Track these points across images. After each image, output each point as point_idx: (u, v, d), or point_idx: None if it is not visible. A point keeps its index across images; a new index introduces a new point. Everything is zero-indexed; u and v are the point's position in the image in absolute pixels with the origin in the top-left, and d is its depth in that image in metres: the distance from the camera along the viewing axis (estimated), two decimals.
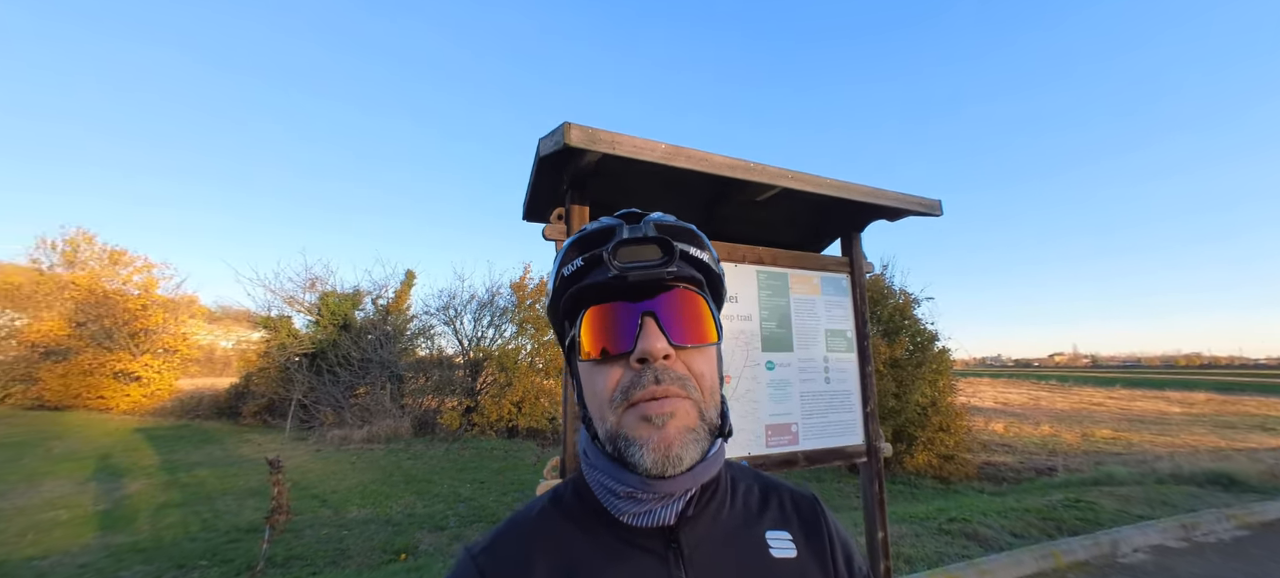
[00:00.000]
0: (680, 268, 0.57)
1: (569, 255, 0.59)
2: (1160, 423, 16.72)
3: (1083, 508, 4.77)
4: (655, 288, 0.56)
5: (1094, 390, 31.33)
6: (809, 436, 2.27)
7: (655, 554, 0.57)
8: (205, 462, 9.88)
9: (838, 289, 2.52)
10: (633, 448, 0.53)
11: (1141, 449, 11.73)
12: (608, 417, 0.55)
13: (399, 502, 7.32)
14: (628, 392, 0.54)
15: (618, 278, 0.55)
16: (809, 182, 2.00)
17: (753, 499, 0.65)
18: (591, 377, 0.57)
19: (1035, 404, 23.00)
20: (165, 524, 6.24)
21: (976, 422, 15.64)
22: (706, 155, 1.74)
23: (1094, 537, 3.85)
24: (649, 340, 0.53)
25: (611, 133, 1.58)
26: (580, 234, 0.60)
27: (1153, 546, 3.93)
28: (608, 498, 0.58)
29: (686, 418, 0.54)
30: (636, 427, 0.53)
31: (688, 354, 0.56)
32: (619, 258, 0.55)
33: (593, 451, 0.59)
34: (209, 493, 7.63)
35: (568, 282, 0.59)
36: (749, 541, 0.61)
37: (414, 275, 16.42)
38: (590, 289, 0.57)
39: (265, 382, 14.91)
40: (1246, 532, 4.31)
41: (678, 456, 0.53)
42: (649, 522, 0.57)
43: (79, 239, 18.86)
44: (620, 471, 0.55)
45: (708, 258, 0.60)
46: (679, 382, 0.54)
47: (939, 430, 9.71)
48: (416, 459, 10.43)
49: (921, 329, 10.53)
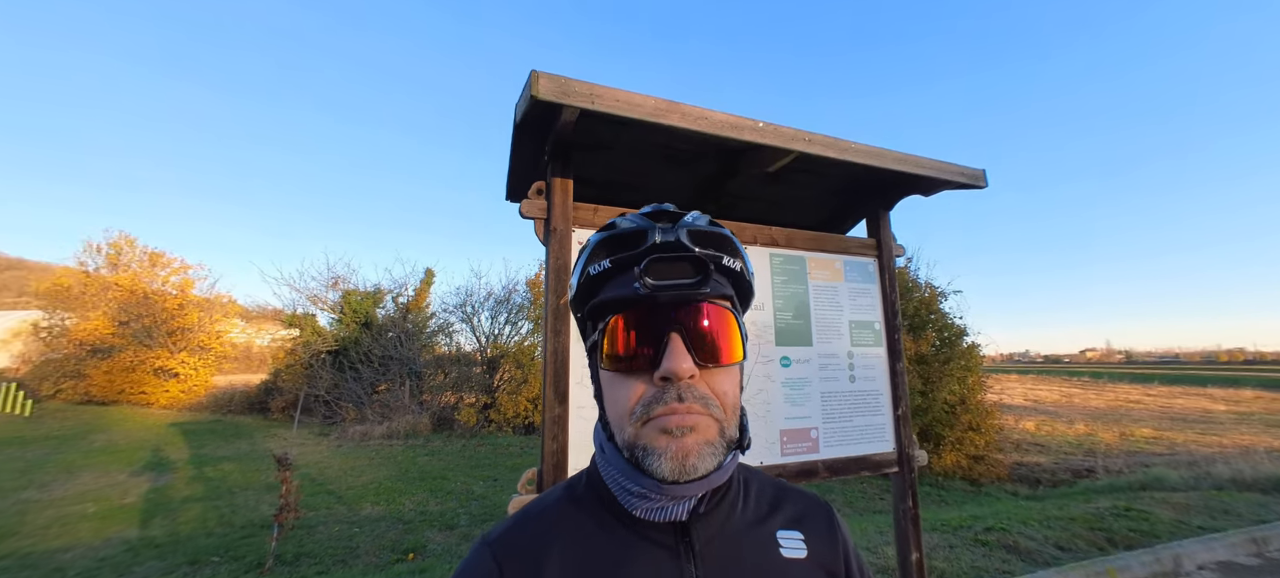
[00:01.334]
0: (713, 287, 0.56)
1: (597, 254, 0.58)
2: (1205, 422, 15.72)
3: (1135, 517, 4.35)
4: (685, 302, 0.55)
5: (1130, 387, 29.85)
6: (831, 442, 2.01)
7: (667, 548, 0.57)
8: (232, 456, 10.10)
9: (863, 275, 2.25)
10: (650, 457, 0.53)
11: (1187, 450, 10.98)
12: (627, 427, 0.55)
13: (412, 499, 7.29)
14: (649, 407, 0.53)
15: (649, 297, 0.54)
16: (831, 145, 1.73)
17: (765, 500, 0.66)
18: (613, 385, 0.57)
19: (1068, 402, 21.98)
20: (184, 519, 6.33)
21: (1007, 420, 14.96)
22: (704, 112, 1.49)
23: (1153, 552, 3.47)
24: (675, 361, 0.52)
25: (589, 84, 1.35)
26: (610, 232, 0.59)
27: (1219, 562, 3.51)
28: (622, 494, 0.59)
29: (706, 433, 0.54)
30: (655, 437, 0.53)
31: (712, 373, 0.55)
32: (651, 274, 0.54)
33: (610, 449, 0.59)
34: (231, 488, 7.75)
35: (594, 283, 0.59)
36: (760, 538, 0.61)
37: (433, 274, 16.57)
38: (616, 300, 0.56)
39: (292, 378, 15.26)
40: None
41: (694, 466, 0.52)
42: (662, 517, 0.57)
43: (122, 242, 19.69)
44: (636, 473, 0.55)
45: (740, 266, 0.60)
46: (701, 400, 0.53)
47: (968, 430, 9.23)
48: (433, 456, 10.45)
49: (949, 324, 10.04)
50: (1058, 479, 8.85)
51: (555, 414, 1.48)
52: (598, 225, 1.77)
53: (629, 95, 1.38)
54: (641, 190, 2.17)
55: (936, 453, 9.27)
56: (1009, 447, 11.39)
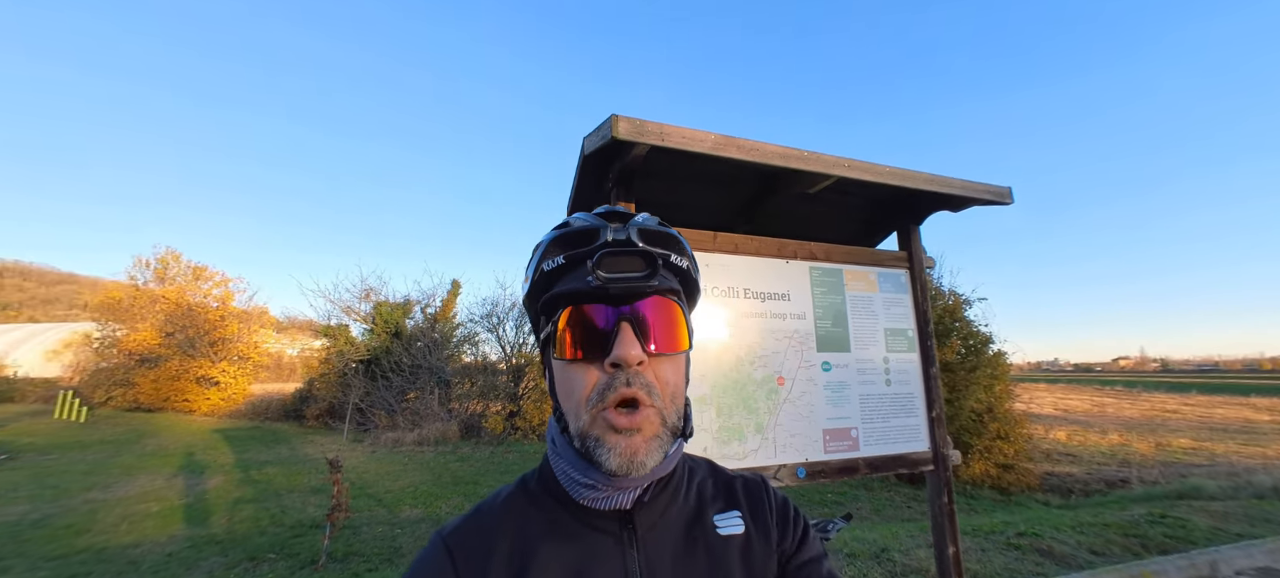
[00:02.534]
0: (661, 280, 0.59)
1: (551, 251, 0.61)
2: (1248, 432, 15.09)
3: (1170, 524, 4.34)
4: (634, 294, 0.58)
5: (1166, 397, 28.68)
6: (870, 441, 2.18)
7: (611, 534, 0.60)
8: (274, 461, 10.57)
9: (896, 285, 2.41)
10: (601, 449, 0.56)
11: (1229, 461, 10.61)
12: (581, 415, 0.57)
13: (448, 503, 7.56)
14: (603, 394, 0.56)
15: (600, 289, 0.57)
16: (867, 170, 1.92)
17: (706, 487, 0.69)
18: (566, 374, 0.59)
19: (1100, 411, 21.27)
20: (239, 518, 6.70)
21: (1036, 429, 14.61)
22: (758, 145, 1.71)
23: (1189, 556, 3.48)
24: (624, 347, 0.55)
25: (659, 124, 1.57)
26: (563, 231, 0.61)
27: (1259, 569, 3.51)
28: (570, 484, 0.61)
29: (651, 428, 0.57)
30: (607, 433, 0.56)
31: (658, 361, 0.58)
32: (603, 268, 0.57)
33: (561, 441, 0.62)
34: (277, 490, 8.14)
35: (548, 278, 0.61)
36: (699, 522, 0.65)
37: (459, 285, 17.05)
38: (569, 293, 0.59)
39: (326, 386, 15.83)
40: None
41: (642, 461, 0.55)
42: (607, 505, 0.60)
43: (169, 257, 20.79)
44: (586, 466, 0.58)
45: (687, 264, 0.63)
46: (646, 388, 0.56)
47: (997, 439, 9.12)
48: (463, 462, 10.76)
49: (974, 332, 9.96)
50: (1090, 489, 8.67)
51: None
52: None
53: (692, 132, 1.60)
54: (688, 210, 2.38)
55: (965, 462, 9.18)
56: (1039, 456, 11.16)
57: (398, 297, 16.56)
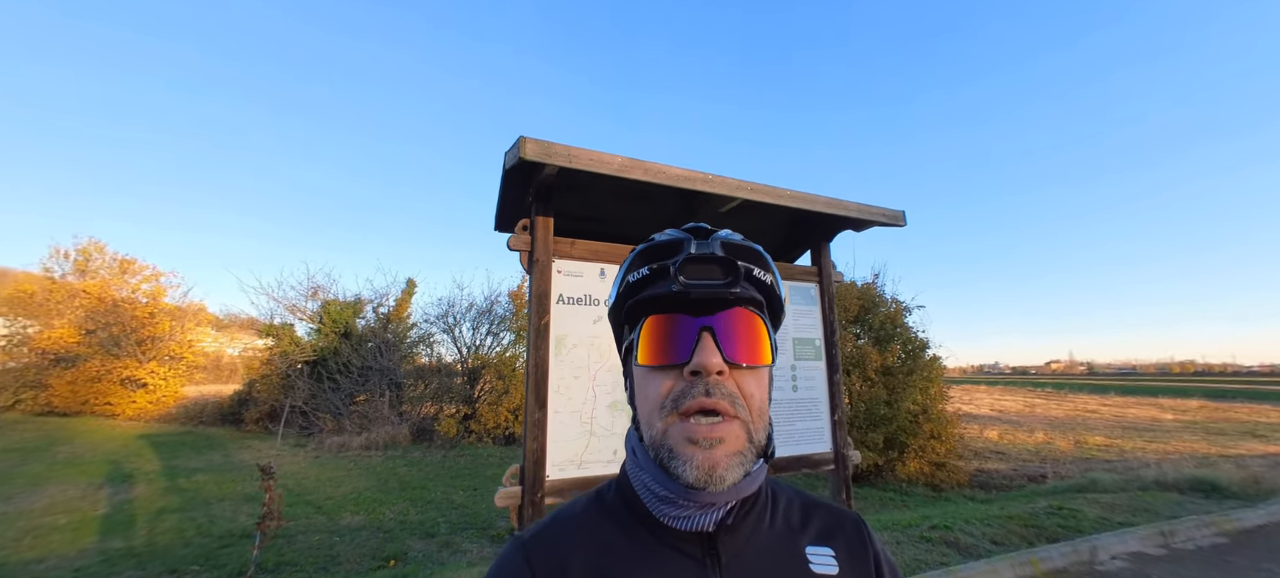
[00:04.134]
0: (743, 289, 0.58)
1: (636, 263, 0.61)
2: (1153, 430, 16.67)
3: (1065, 515, 4.80)
4: (717, 305, 0.57)
5: (1089, 398, 31.15)
6: (776, 444, 2.34)
7: (693, 559, 0.57)
8: (205, 468, 9.97)
9: (806, 298, 2.60)
10: (676, 461, 0.54)
11: (1133, 456, 11.71)
12: (655, 423, 0.56)
13: (392, 509, 7.38)
14: (678, 400, 0.54)
15: (682, 293, 0.56)
16: (769, 193, 2.08)
17: (794, 514, 0.65)
18: (645, 382, 0.58)
19: (1031, 411, 22.89)
20: (161, 530, 6.32)
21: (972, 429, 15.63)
22: (662, 168, 1.82)
23: (1073, 544, 3.89)
24: (705, 354, 0.54)
25: (567, 146, 1.67)
26: (649, 244, 0.62)
27: (1131, 553, 3.95)
28: (650, 500, 0.59)
29: (735, 442, 0.54)
30: (683, 444, 0.54)
31: (741, 373, 0.56)
32: (685, 274, 0.57)
33: (640, 451, 0.60)
34: (206, 499, 7.71)
35: (632, 288, 0.61)
36: (789, 554, 0.60)
37: (415, 284, 16.59)
38: (653, 299, 0.58)
39: (268, 389, 15.05)
40: (1225, 539, 4.33)
41: (722, 476, 0.53)
42: (689, 526, 0.57)
43: (91, 248, 19.18)
44: (665, 477, 0.56)
45: (771, 280, 0.62)
46: (729, 398, 0.54)
47: (930, 438, 9.72)
48: (413, 466, 10.49)
49: (912, 337, 10.57)
50: (1013, 485, 9.35)
51: (536, 418, 1.77)
52: (575, 256, 2.09)
53: (600, 155, 1.70)
54: (613, 223, 2.49)
55: (901, 460, 9.71)
56: (970, 455, 11.94)
57: (348, 295, 15.96)
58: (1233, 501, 5.61)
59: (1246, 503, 5.45)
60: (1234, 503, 5.48)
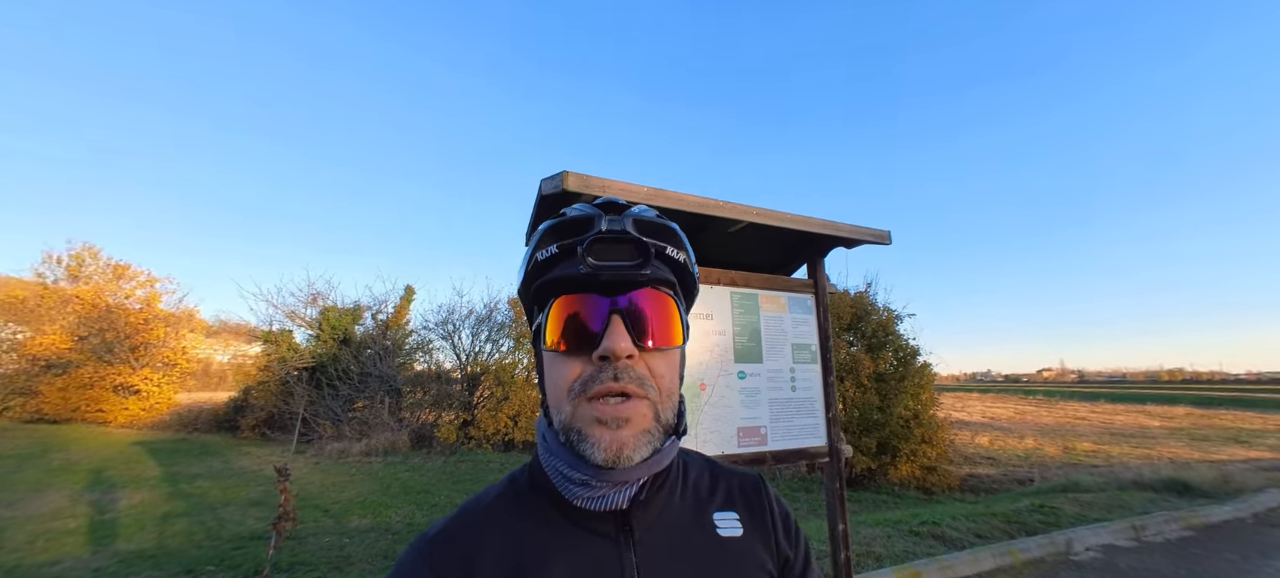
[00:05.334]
0: (655, 270, 0.57)
1: (544, 240, 0.58)
2: (1140, 436, 17.09)
3: (1046, 512, 5.10)
4: (627, 285, 0.56)
5: (1079, 405, 31.73)
6: (776, 438, 2.60)
7: (607, 537, 0.57)
8: (206, 474, 10.04)
9: (803, 308, 2.87)
10: (584, 443, 0.53)
11: (1118, 461, 12.08)
12: (563, 407, 0.55)
13: (398, 512, 7.53)
14: (587, 386, 0.54)
15: (590, 276, 0.55)
16: (771, 216, 2.37)
17: (703, 484, 0.67)
18: (553, 366, 0.57)
19: (1021, 418, 23.33)
20: (171, 533, 6.44)
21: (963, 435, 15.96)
22: (681, 195, 2.10)
23: (1049, 537, 4.17)
24: (614, 340, 0.53)
25: (603, 179, 1.94)
26: (558, 220, 0.59)
27: (1103, 545, 4.24)
28: (562, 483, 0.58)
29: (642, 421, 0.54)
30: (590, 425, 0.53)
31: (651, 355, 0.56)
32: (593, 255, 0.55)
33: (550, 435, 0.59)
34: (212, 503, 7.81)
35: (540, 267, 0.58)
36: (697, 522, 0.62)
37: (413, 291, 16.74)
38: (560, 280, 0.57)
39: (264, 395, 15.08)
40: (1191, 533, 4.64)
41: (629, 455, 0.53)
42: (602, 506, 0.57)
43: (84, 253, 19.14)
44: (576, 460, 0.55)
45: (684, 258, 0.60)
46: (638, 381, 0.54)
47: (922, 443, 10.00)
48: (414, 471, 10.62)
49: (904, 345, 10.89)
50: (1002, 489, 9.65)
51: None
52: None
53: (629, 186, 1.97)
54: None
55: (893, 464, 9.99)
56: (962, 460, 12.25)
57: (347, 302, 16.07)
58: (1203, 499, 5.95)
59: (1216, 501, 5.78)
60: (1204, 501, 5.81)
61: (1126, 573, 3.82)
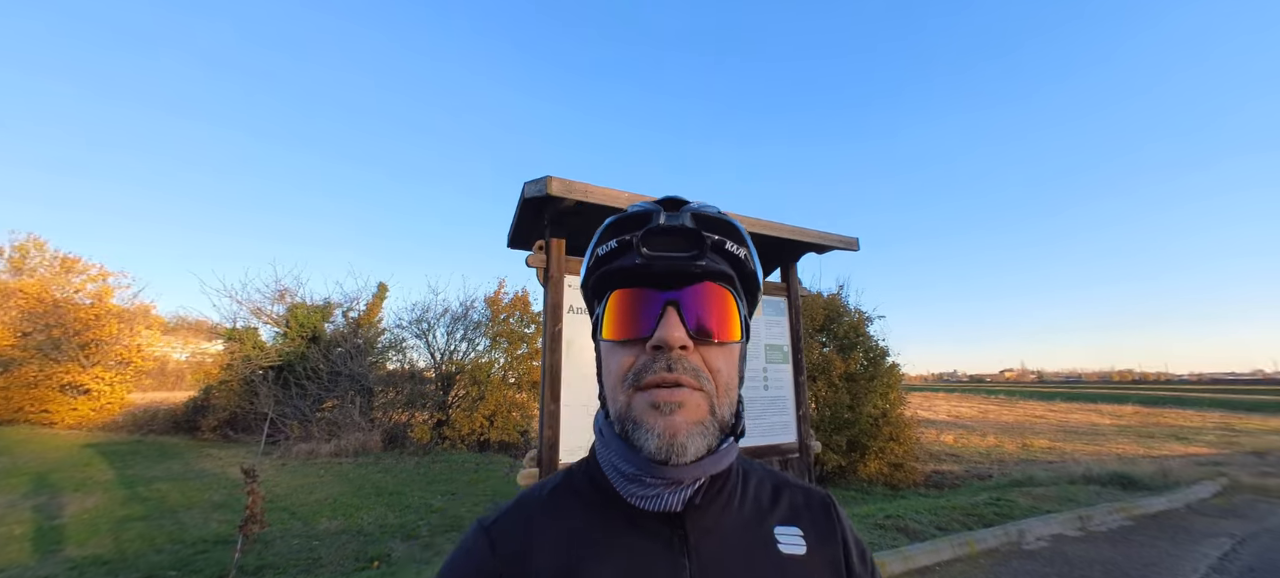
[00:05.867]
0: (710, 262, 0.56)
1: (604, 237, 0.60)
2: (1091, 434, 18.04)
3: (1002, 505, 5.39)
4: (683, 279, 0.56)
5: (1037, 404, 33.14)
6: (749, 434, 2.71)
7: (661, 539, 0.56)
8: (165, 476, 9.63)
9: (777, 310, 2.99)
10: (639, 431, 0.53)
11: (1072, 457, 12.75)
12: (619, 397, 0.56)
13: (370, 513, 7.40)
14: (639, 375, 0.54)
15: (644, 266, 0.55)
16: (747, 223, 2.47)
17: (764, 494, 0.64)
18: (609, 357, 0.58)
19: (984, 417, 24.26)
20: (128, 537, 6.18)
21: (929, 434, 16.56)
22: None
23: (1004, 528, 4.42)
24: (667, 329, 0.53)
25: (584, 184, 2.00)
26: (618, 217, 0.60)
27: (1053, 534, 4.53)
28: (617, 479, 0.58)
29: (696, 411, 0.53)
30: (645, 412, 0.53)
31: (707, 349, 0.55)
32: (648, 246, 0.55)
33: (607, 429, 0.59)
34: (172, 507, 7.52)
35: (599, 262, 0.60)
36: (757, 535, 0.60)
37: (386, 288, 16.38)
38: (618, 273, 0.57)
39: (227, 395, 14.54)
40: (1132, 522, 4.99)
41: (682, 444, 0.52)
42: (656, 506, 0.56)
43: (29, 245, 18.09)
44: (629, 451, 0.55)
45: (744, 254, 0.59)
46: (692, 372, 0.54)
47: (889, 440, 10.36)
48: (386, 472, 10.42)
49: (874, 346, 11.25)
50: (965, 484, 10.08)
51: (551, 410, 2.08)
52: None
53: (610, 191, 2.04)
54: None
55: (862, 461, 10.32)
56: (927, 457, 12.71)
57: (317, 299, 15.62)
58: (1144, 491, 6.38)
59: (1155, 493, 6.21)
60: (1145, 493, 6.23)
61: (1073, 560, 4.09)
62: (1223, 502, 6.16)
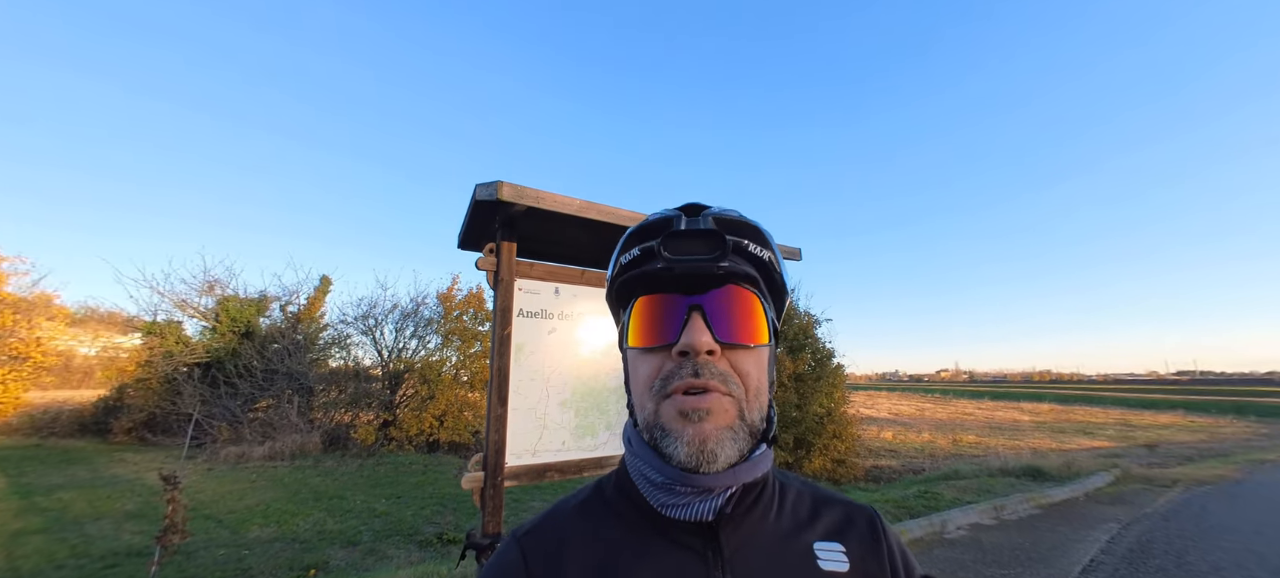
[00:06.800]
0: (733, 264, 0.56)
1: (627, 244, 0.60)
2: (1013, 429, 19.66)
3: (928, 498, 5.83)
4: (707, 283, 0.55)
5: (967, 403, 35.70)
6: None
7: (694, 551, 0.55)
8: (69, 484, 8.73)
9: None
10: (668, 439, 0.52)
11: (994, 452, 13.86)
12: (646, 405, 0.55)
13: (307, 519, 7.03)
14: (667, 381, 0.53)
15: (665, 269, 0.55)
16: None
17: (803, 508, 0.62)
18: (636, 364, 0.57)
19: (920, 415, 25.87)
20: (22, 553, 5.58)
21: (871, 431, 17.51)
22: (613, 209, 2.23)
23: (929, 518, 4.79)
24: (693, 334, 0.52)
25: (536, 190, 2.02)
26: (641, 224, 0.60)
27: (971, 524, 4.94)
28: (647, 489, 0.57)
29: (724, 416, 0.53)
30: (673, 420, 0.52)
31: (734, 353, 0.55)
32: (670, 250, 0.55)
33: (635, 438, 0.59)
34: (77, 517, 6.84)
35: (623, 270, 0.59)
36: (796, 549, 0.58)
37: (330, 281, 15.54)
38: (641, 279, 0.57)
39: (144, 394, 13.33)
40: (1039, 511, 5.53)
41: (712, 451, 0.51)
42: (687, 516, 0.55)
43: None
44: (658, 461, 0.54)
45: (769, 257, 0.59)
46: (720, 377, 0.53)
47: (833, 438, 10.87)
48: (326, 476, 9.91)
49: (821, 347, 11.76)
50: (900, 478, 10.75)
51: (498, 414, 2.08)
52: (534, 276, 2.41)
53: (562, 198, 2.07)
54: (562, 246, 2.84)
55: (808, 458, 10.79)
56: (867, 453, 13.44)
57: (252, 291, 14.60)
58: (1051, 482, 7.06)
59: (1060, 483, 6.88)
60: (1052, 484, 6.90)
61: (987, 548, 4.48)
62: (1114, 490, 6.91)
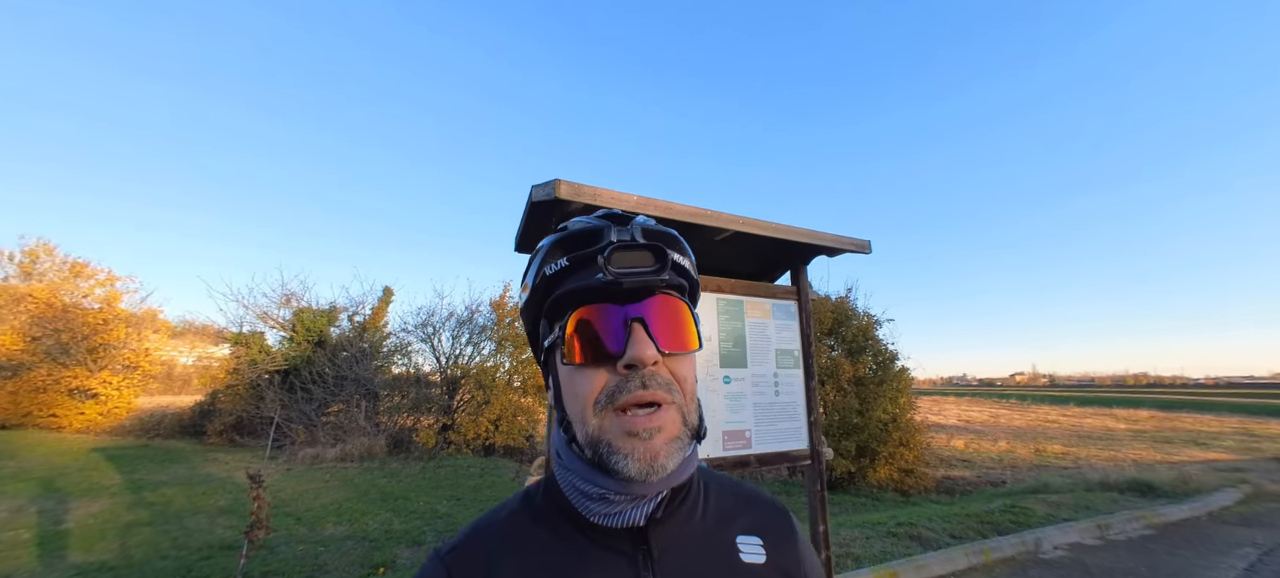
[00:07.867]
0: (670, 276, 0.57)
1: (552, 254, 0.58)
2: (1106, 439, 17.70)
3: (1017, 513, 5.27)
4: (642, 293, 0.56)
5: (1050, 409, 32.61)
6: (760, 441, 2.64)
7: (624, 555, 0.56)
8: (171, 481, 9.64)
9: (787, 314, 2.92)
10: (616, 456, 0.53)
11: (1087, 463, 12.50)
12: (589, 421, 0.54)
13: (375, 519, 7.36)
14: (614, 396, 0.53)
15: (614, 283, 0.54)
16: (757, 226, 2.40)
17: (725, 504, 0.65)
18: (573, 379, 0.56)
19: (995, 422, 23.91)
20: (134, 543, 6.17)
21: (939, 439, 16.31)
22: (671, 204, 2.13)
23: (1020, 536, 4.31)
24: (639, 347, 0.53)
25: (593, 187, 1.95)
26: (564, 233, 0.59)
27: (1071, 543, 4.40)
28: (578, 499, 0.58)
29: (673, 427, 0.54)
30: (622, 438, 0.53)
31: (673, 360, 0.56)
32: (614, 264, 0.55)
33: (567, 453, 0.59)
34: (178, 512, 7.51)
35: (551, 281, 0.58)
36: (720, 544, 0.61)
37: (392, 292, 16.42)
38: (577, 292, 0.56)
39: (233, 399, 14.59)
40: (1152, 531, 4.85)
41: (663, 464, 0.53)
42: (619, 522, 0.56)
43: (39, 250, 18.32)
44: (597, 474, 0.55)
45: (690, 265, 0.61)
46: (665, 386, 0.54)
47: (899, 446, 10.20)
48: (392, 477, 10.39)
49: (883, 350, 11.10)
50: (977, 490, 9.90)
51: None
52: None
53: (619, 194, 1.98)
54: None
55: (872, 467, 10.16)
56: (938, 462, 12.52)
57: (323, 303, 15.68)
58: (1164, 499, 6.22)
59: (1175, 500, 6.05)
60: (1165, 501, 6.08)
61: (1093, 570, 3.97)
62: (1245, 510, 5.99)
